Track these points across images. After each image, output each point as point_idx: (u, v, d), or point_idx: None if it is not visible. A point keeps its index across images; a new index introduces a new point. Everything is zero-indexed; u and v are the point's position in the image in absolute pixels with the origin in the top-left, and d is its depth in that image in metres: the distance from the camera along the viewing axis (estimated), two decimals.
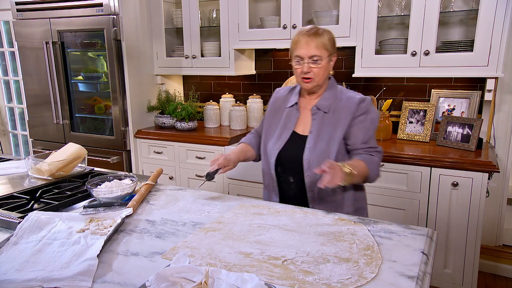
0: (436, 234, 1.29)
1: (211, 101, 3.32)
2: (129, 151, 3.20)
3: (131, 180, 1.66)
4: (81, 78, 3.30)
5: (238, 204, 1.57)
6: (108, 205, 1.50)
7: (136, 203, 1.51)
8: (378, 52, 2.62)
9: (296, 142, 1.69)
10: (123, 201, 1.55)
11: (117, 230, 1.32)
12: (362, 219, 1.40)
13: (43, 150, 3.42)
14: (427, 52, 2.39)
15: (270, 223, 1.38)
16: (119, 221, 1.32)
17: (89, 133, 3.32)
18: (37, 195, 1.59)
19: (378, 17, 2.51)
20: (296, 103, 1.74)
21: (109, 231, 1.26)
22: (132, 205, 1.48)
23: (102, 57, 3.19)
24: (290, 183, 1.70)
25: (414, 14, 2.40)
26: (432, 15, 2.35)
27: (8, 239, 1.21)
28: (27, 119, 3.60)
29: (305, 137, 1.67)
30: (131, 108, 3.13)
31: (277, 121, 1.77)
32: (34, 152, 3.54)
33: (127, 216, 1.41)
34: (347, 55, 2.93)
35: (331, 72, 1.69)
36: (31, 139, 3.61)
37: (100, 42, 3.10)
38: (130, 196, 1.60)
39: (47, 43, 3.18)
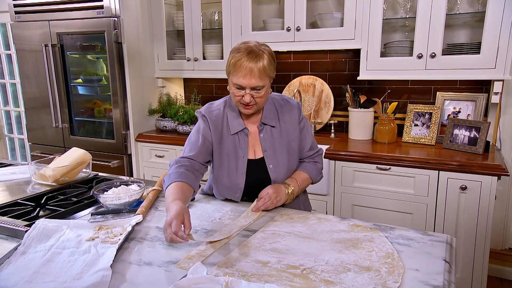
0: (455, 241, 1.26)
1: None
2: (130, 155, 3.15)
3: (138, 186, 1.62)
4: (81, 81, 3.25)
5: (248, 210, 1.53)
6: (116, 212, 1.46)
7: (145, 209, 1.47)
8: (383, 54, 2.60)
9: (255, 167, 1.59)
10: (131, 207, 1.51)
11: (128, 238, 1.28)
12: (378, 225, 1.37)
13: (41, 154, 3.36)
14: (433, 54, 2.37)
15: (284, 230, 1.34)
16: (129, 229, 1.28)
17: (89, 136, 3.27)
18: (42, 201, 1.54)
19: (383, 19, 2.49)
20: (245, 128, 1.58)
21: (119, 239, 1.22)
22: (141, 211, 1.43)
23: (102, 59, 3.14)
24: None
25: (420, 16, 2.38)
26: (438, 17, 2.33)
27: (15, 248, 1.17)
28: (25, 122, 3.54)
29: (261, 159, 1.60)
30: (132, 111, 3.09)
31: (224, 150, 1.59)
32: (33, 156, 3.48)
33: (136, 223, 1.37)
34: (351, 57, 2.90)
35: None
36: (29, 143, 3.55)
37: (100, 44, 3.06)
38: (138, 202, 1.55)
39: (46, 45, 3.13)
